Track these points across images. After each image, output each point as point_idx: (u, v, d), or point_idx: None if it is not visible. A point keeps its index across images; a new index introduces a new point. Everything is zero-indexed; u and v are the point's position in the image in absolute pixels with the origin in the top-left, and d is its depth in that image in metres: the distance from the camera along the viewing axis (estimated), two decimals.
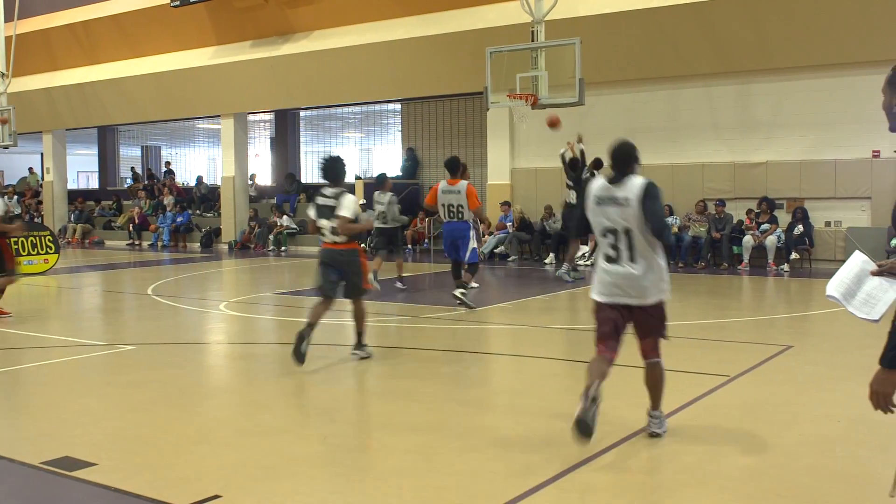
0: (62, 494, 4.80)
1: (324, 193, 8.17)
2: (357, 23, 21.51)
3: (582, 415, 4.97)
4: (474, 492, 4.63)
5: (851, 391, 6.88)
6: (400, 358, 8.96)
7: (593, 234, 5.42)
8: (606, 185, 5.36)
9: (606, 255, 5.34)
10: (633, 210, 5.19)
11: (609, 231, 5.30)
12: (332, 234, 8.04)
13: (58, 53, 27.89)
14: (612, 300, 5.33)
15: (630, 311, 5.33)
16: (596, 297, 5.42)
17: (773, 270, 16.37)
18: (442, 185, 11.95)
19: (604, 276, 5.37)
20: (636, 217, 5.18)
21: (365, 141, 30.03)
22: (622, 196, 5.25)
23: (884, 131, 17.69)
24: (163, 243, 26.39)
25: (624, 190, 5.27)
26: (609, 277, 5.33)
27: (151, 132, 34.23)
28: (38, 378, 7.87)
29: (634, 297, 5.28)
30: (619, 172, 5.39)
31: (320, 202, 8.14)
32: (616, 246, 5.28)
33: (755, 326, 10.31)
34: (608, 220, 5.28)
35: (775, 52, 16.92)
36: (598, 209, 5.34)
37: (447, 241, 11.96)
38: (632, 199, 5.21)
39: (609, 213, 5.27)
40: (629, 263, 5.25)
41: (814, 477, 4.85)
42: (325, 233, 8.08)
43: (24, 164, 36.53)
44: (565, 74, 15.05)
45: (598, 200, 5.35)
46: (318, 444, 5.59)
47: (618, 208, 5.24)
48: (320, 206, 8.13)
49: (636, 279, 5.24)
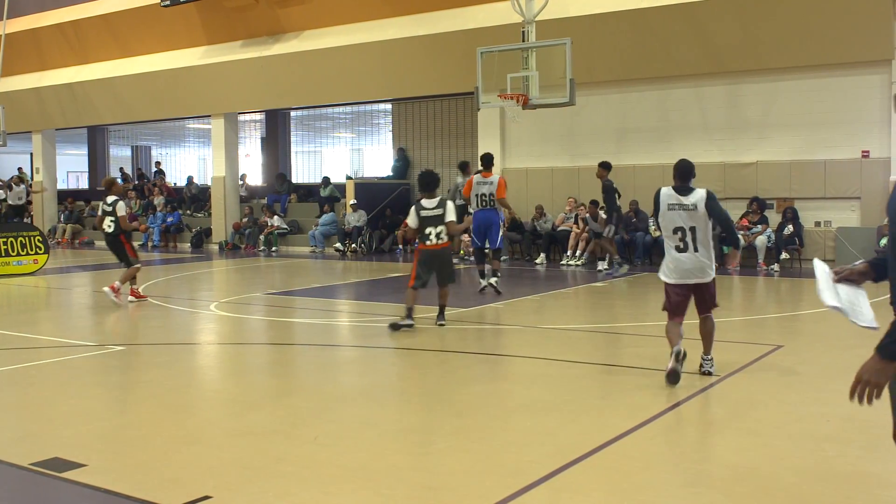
0: (52, 496, 4.78)
1: (424, 206, 9.98)
2: (348, 23, 21.50)
3: (674, 367, 6.82)
4: (466, 492, 4.63)
5: (841, 390, 6.87)
6: (391, 358, 8.95)
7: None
8: (674, 194, 7.03)
9: (676, 247, 7.00)
10: (700, 213, 6.92)
11: (678, 229, 6.95)
12: (436, 238, 9.91)
13: (47, 53, 27.79)
14: (683, 281, 7.06)
15: (693, 287, 7.08)
16: (668, 280, 7.12)
17: (764, 270, 16.42)
18: (476, 177, 13.40)
19: (676, 264, 7.05)
20: (702, 218, 6.93)
21: (356, 141, 30.02)
22: (690, 203, 6.95)
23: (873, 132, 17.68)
24: (153, 243, 26.31)
25: (691, 198, 6.97)
26: (680, 264, 7.03)
27: (142, 132, 34.14)
28: (28, 379, 7.83)
29: (699, 277, 7.03)
30: (684, 183, 7.10)
31: (423, 214, 9.92)
32: (684, 240, 6.94)
33: (745, 326, 10.33)
34: (679, 221, 6.94)
35: (765, 52, 16.97)
36: (669, 213, 7.00)
37: (480, 227, 13.17)
38: (700, 206, 6.92)
39: (679, 216, 6.95)
40: (695, 253, 6.96)
41: (804, 476, 4.86)
42: (431, 238, 9.91)
43: (14, 164, 36.38)
44: (556, 75, 15.07)
45: (669, 207, 7.01)
46: (308, 444, 5.57)
47: (685, 213, 6.94)
48: (423, 217, 9.91)
49: (702, 263, 7.00)
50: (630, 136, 19.01)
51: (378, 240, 22.30)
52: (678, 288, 7.07)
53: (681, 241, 6.97)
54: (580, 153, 19.53)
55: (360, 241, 21.95)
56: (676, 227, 6.96)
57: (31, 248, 17.48)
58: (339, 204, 23.66)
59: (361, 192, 22.88)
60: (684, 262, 7.00)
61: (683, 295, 7.08)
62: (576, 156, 19.56)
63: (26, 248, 17.38)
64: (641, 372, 7.60)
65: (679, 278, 7.06)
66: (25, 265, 17.28)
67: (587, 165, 19.21)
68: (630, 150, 18.91)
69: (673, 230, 6.98)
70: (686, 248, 6.96)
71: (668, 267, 7.11)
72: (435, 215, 9.90)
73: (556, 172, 19.82)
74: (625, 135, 19.08)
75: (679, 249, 6.99)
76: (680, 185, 7.09)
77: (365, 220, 22.22)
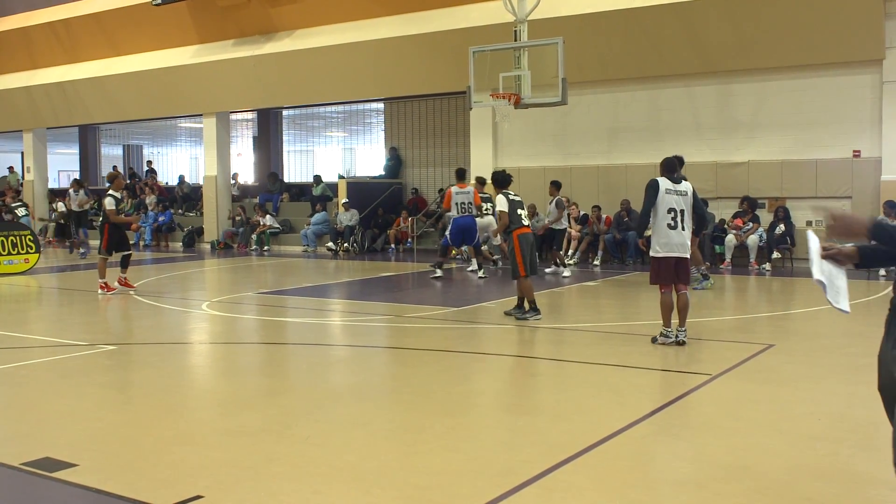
0: (43, 495, 4.76)
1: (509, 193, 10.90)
2: (340, 22, 21.47)
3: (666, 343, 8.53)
4: (457, 491, 4.63)
5: (833, 389, 6.93)
6: (381, 358, 8.96)
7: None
8: (669, 183, 8.51)
9: (668, 224, 8.40)
10: (689, 199, 8.59)
11: (671, 210, 8.42)
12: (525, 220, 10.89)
13: (38, 52, 27.68)
14: (671, 254, 8.45)
15: (676, 261, 8.49)
16: (659, 255, 8.48)
17: (755, 269, 16.45)
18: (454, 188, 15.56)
19: (667, 239, 8.43)
20: (689, 204, 8.56)
21: (348, 140, 29.98)
22: (682, 190, 8.57)
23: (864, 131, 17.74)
24: (145, 242, 26.24)
25: (682, 187, 8.60)
26: (670, 239, 8.43)
27: (133, 131, 34.05)
28: (18, 378, 7.80)
29: (681, 252, 8.49)
30: (676, 175, 8.72)
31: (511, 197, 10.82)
32: (676, 219, 8.41)
33: (737, 325, 10.36)
34: (673, 203, 8.42)
35: (756, 52, 17.01)
36: (667, 196, 8.44)
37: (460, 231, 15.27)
38: (689, 193, 8.62)
39: (674, 199, 8.45)
40: (682, 231, 8.45)
41: (795, 475, 4.87)
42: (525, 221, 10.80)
43: (5, 163, 36.25)
44: (548, 74, 15.08)
45: (667, 191, 8.46)
46: (300, 444, 5.57)
47: (679, 197, 8.50)
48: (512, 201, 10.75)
49: (685, 240, 8.50)
50: (622, 136, 19.03)
51: (370, 239, 22.29)
52: (667, 261, 8.47)
53: (672, 220, 8.42)
54: (572, 152, 19.56)
55: (352, 241, 21.93)
56: (671, 208, 8.42)
57: (22, 247, 17.42)
58: (332, 203, 23.64)
59: (354, 191, 22.86)
60: (674, 237, 8.43)
61: (670, 267, 8.49)
62: (568, 155, 19.57)
63: (17, 248, 17.31)
64: (633, 371, 7.61)
65: (668, 252, 8.44)
66: (16, 265, 17.22)
67: (579, 165, 19.26)
68: (622, 150, 18.94)
69: (667, 210, 8.41)
70: (676, 227, 8.42)
71: (660, 243, 8.46)
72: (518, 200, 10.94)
73: (548, 172, 19.80)
74: (616, 134, 19.10)
75: (670, 227, 8.42)
76: (669, 176, 8.60)
77: (357, 219, 22.21)
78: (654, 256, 8.55)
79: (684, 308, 8.59)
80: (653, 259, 8.61)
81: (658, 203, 8.45)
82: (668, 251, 8.45)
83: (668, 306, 8.52)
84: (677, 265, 8.52)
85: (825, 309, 11.53)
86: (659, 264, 8.52)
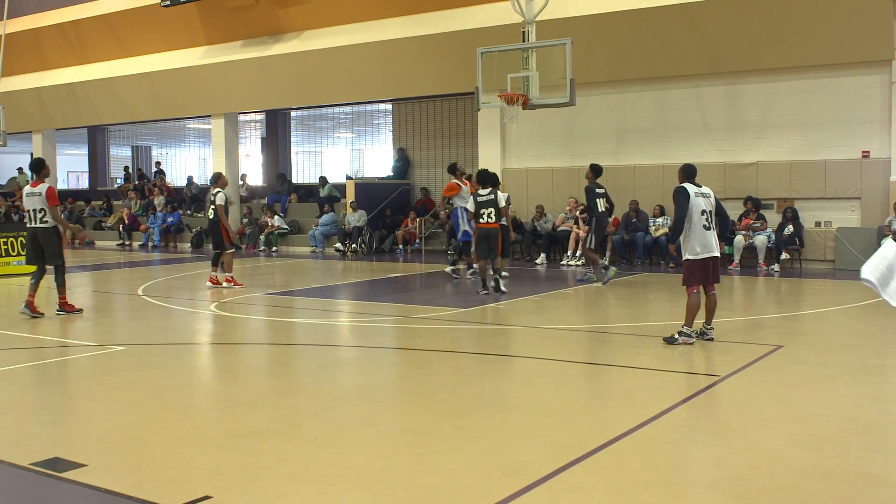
0: (52, 496, 4.78)
1: (480, 194, 12.94)
2: (348, 23, 21.50)
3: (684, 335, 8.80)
4: (465, 492, 4.63)
5: (841, 391, 6.90)
6: (389, 359, 8.96)
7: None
8: (695, 187, 8.90)
9: (704, 225, 8.75)
10: (713, 201, 8.97)
11: (704, 211, 8.77)
12: (487, 218, 12.76)
13: (48, 53, 27.80)
14: (707, 255, 8.79)
15: (711, 261, 8.85)
16: (698, 257, 8.76)
17: (764, 270, 16.41)
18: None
19: (704, 240, 8.76)
20: (713, 205, 8.94)
21: (356, 141, 30.02)
22: (707, 192, 8.98)
23: (873, 132, 17.68)
24: (153, 243, 26.31)
25: (704, 189, 8.99)
26: (706, 239, 8.77)
27: (142, 132, 34.14)
28: (28, 379, 7.83)
29: (715, 251, 8.88)
30: (693, 180, 9.03)
31: (479, 199, 12.84)
32: (709, 220, 8.79)
33: (746, 326, 10.33)
34: (703, 205, 8.79)
35: (764, 52, 16.97)
36: (696, 199, 8.79)
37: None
38: (711, 195, 9.01)
39: (702, 201, 8.81)
40: (713, 232, 8.86)
41: (804, 476, 4.86)
42: (484, 218, 12.78)
43: (14, 164, 36.39)
44: (556, 75, 15.06)
45: (696, 195, 8.81)
46: (308, 444, 5.57)
47: (706, 199, 8.88)
48: (480, 202, 12.80)
49: (715, 240, 8.91)
50: (629, 137, 19.00)
51: (378, 240, 22.30)
52: (703, 262, 8.80)
53: (707, 221, 8.79)
54: (580, 153, 19.52)
55: (360, 242, 21.95)
56: (703, 209, 8.78)
57: None
58: (339, 204, 23.66)
59: (362, 192, 22.88)
60: (709, 237, 8.80)
61: (707, 267, 8.84)
62: (575, 156, 19.54)
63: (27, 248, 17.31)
64: (641, 372, 7.60)
65: (705, 252, 8.78)
66: (26, 265, 17.23)
67: (587, 165, 19.19)
68: (629, 150, 18.91)
69: (700, 212, 8.78)
70: (710, 227, 8.83)
71: (700, 244, 8.77)
72: (489, 199, 12.84)
73: (556, 172, 19.82)
74: (624, 135, 19.08)
75: (705, 227, 8.79)
76: (692, 181, 9.02)
77: (365, 220, 22.23)
78: (692, 259, 8.80)
79: (714, 307, 9.02)
80: (689, 262, 8.83)
81: (691, 207, 8.74)
82: (707, 252, 8.78)
83: (696, 307, 8.76)
84: (713, 265, 8.87)
85: (834, 310, 11.51)
86: (695, 266, 8.79)
